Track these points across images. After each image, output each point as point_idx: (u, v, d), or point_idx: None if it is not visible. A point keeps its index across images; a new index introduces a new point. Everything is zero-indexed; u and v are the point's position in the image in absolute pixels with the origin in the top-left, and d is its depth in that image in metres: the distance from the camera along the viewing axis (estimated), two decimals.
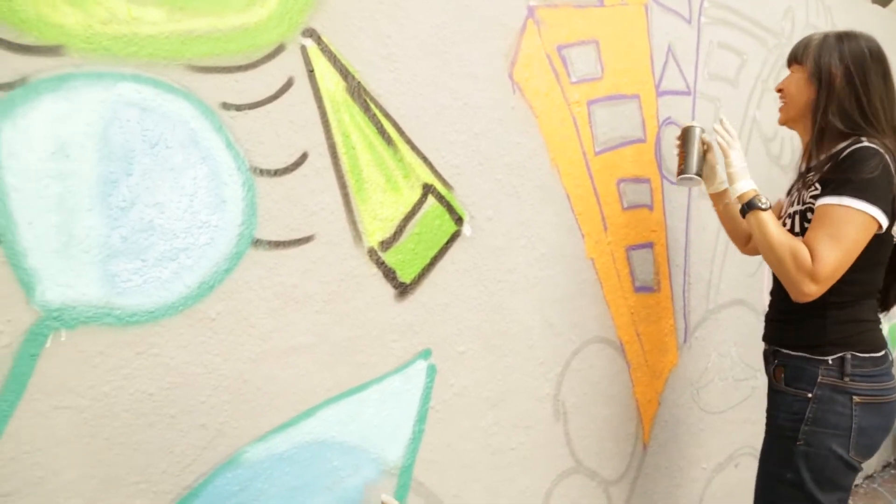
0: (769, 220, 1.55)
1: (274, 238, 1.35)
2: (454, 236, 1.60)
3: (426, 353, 1.57)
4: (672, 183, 2.11)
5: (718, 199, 1.87)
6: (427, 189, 1.54)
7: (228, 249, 1.30)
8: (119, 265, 1.20)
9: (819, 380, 1.54)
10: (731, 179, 1.64)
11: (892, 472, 3.55)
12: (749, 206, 1.58)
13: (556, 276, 1.81)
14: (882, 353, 1.56)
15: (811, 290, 1.48)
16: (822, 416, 1.53)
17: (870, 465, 3.47)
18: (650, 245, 2.06)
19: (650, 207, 2.05)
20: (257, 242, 1.33)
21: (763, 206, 1.56)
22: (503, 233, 1.69)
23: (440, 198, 1.57)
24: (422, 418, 1.57)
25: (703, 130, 1.75)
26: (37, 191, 1.14)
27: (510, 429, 1.74)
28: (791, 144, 2.61)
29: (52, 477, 1.15)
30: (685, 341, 2.22)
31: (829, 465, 1.53)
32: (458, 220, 1.60)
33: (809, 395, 1.55)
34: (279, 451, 1.37)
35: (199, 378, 1.28)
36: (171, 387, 1.25)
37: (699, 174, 1.72)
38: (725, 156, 1.65)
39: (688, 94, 2.17)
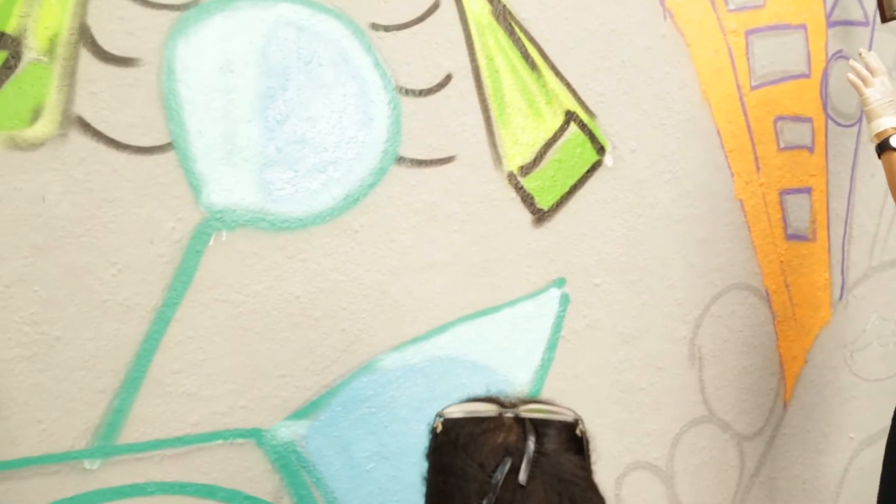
0: None
1: (417, 156, 1.39)
2: (595, 166, 1.57)
3: (560, 282, 1.57)
4: (839, 125, 1.94)
5: None
6: (569, 116, 1.52)
7: (373, 165, 1.36)
8: (273, 174, 1.29)
9: None
10: (868, 118, 1.52)
11: None
12: (881, 147, 1.45)
13: (700, 216, 1.74)
14: None
15: None
16: None
17: None
18: (808, 190, 1.91)
19: (810, 149, 1.90)
20: (400, 160, 1.38)
21: None
22: (646, 166, 1.64)
23: (582, 126, 1.54)
24: (552, 346, 1.57)
25: None
26: (205, 102, 1.24)
27: (641, 367, 1.71)
28: None
29: (211, 362, 1.28)
30: (841, 298, 2.06)
31: None
32: (600, 150, 1.58)
33: None
34: (412, 363, 1.43)
35: (341, 285, 1.36)
36: (317, 291, 1.34)
37: None
38: (860, 93, 1.53)
39: (865, 24, 1.97)
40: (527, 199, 1.50)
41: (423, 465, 0.80)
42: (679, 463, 1.81)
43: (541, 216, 1.52)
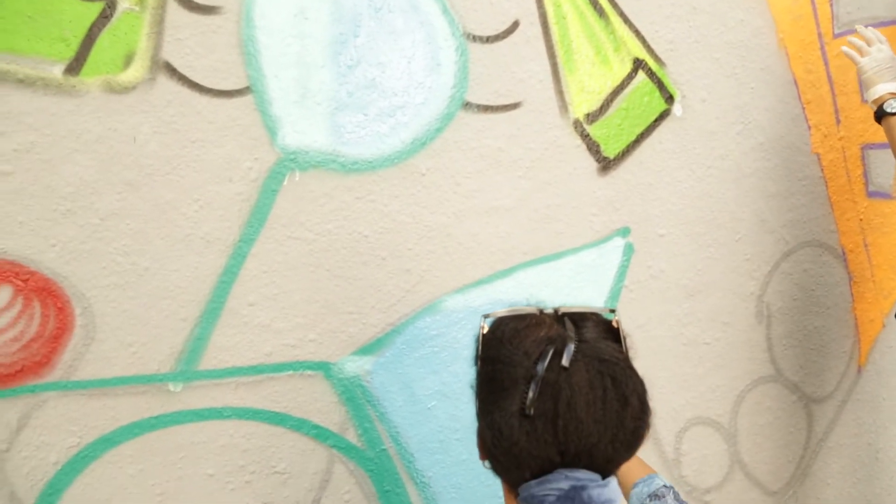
0: None
1: (483, 102, 1.42)
2: (663, 115, 1.56)
3: (625, 231, 1.57)
4: None
5: None
6: (638, 64, 1.51)
7: (440, 110, 1.39)
8: (344, 118, 1.34)
9: None
10: (865, 86, 1.54)
11: None
12: (879, 114, 1.48)
13: (773, 169, 1.69)
14: None
15: None
16: None
17: None
18: None
19: None
20: (467, 105, 1.41)
21: (890, 111, 1.46)
22: (717, 116, 1.61)
23: (651, 74, 1.53)
24: (614, 296, 1.58)
25: None
26: (281, 48, 1.30)
27: (706, 322, 1.69)
28: None
29: (284, 296, 1.35)
30: None
31: None
32: (669, 99, 1.56)
33: None
34: (475, 305, 1.47)
35: (407, 227, 1.40)
36: (384, 231, 1.39)
37: None
38: (856, 63, 1.54)
39: None
40: (592, 147, 1.50)
41: (471, 374, 0.85)
42: (743, 421, 1.79)
43: (606, 164, 1.52)
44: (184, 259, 1.28)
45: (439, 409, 1.48)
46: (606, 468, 0.70)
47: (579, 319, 0.76)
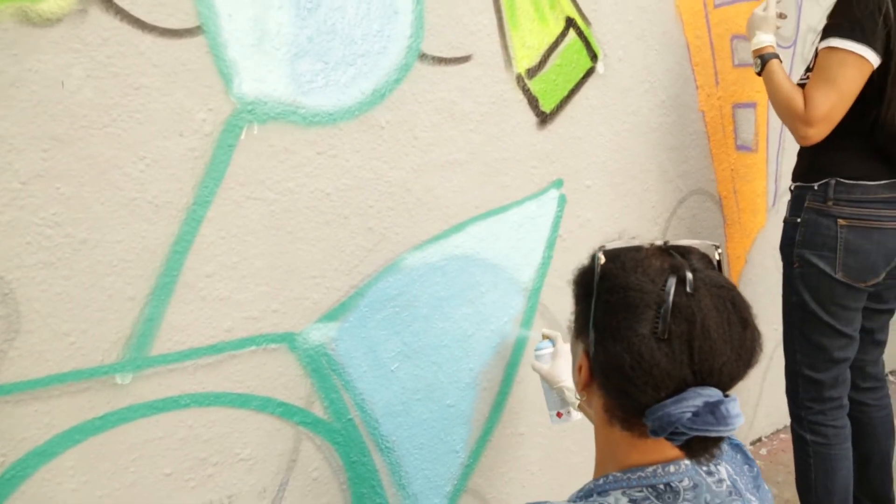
0: (777, 70, 1.59)
1: (438, 54, 1.38)
2: (589, 72, 1.64)
3: (559, 183, 1.63)
4: (780, 46, 2.12)
5: None
6: (569, 22, 1.57)
7: (398, 60, 1.34)
8: (305, 65, 1.24)
9: (806, 204, 1.63)
10: (749, 33, 1.66)
11: None
12: (763, 60, 1.60)
13: (672, 125, 1.86)
14: (878, 182, 1.57)
15: (808, 134, 1.53)
16: (810, 238, 1.63)
17: None
18: (753, 105, 2.10)
19: None
20: (423, 56, 1.37)
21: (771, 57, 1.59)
22: (630, 75, 1.72)
23: (580, 32, 1.60)
24: (550, 245, 1.64)
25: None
26: None
27: None
28: None
29: (244, 263, 1.23)
30: (773, 204, 2.29)
31: (822, 283, 1.63)
32: (594, 57, 1.64)
33: (798, 220, 1.65)
34: (432, 261, 1.45)
35: (369, 183, 1.34)
36: (346, 189, 1.31)
37: None
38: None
39: None
40: (532, 102, 1.54)
41: (571, 311, 0.86)
42: None
43: (544, 119, 1.57)
44: (129, 227, 1.11)
45: (402, 371, 1.44)
46: (730, 385, 0.75)
47: (685, 252, 0.80)
